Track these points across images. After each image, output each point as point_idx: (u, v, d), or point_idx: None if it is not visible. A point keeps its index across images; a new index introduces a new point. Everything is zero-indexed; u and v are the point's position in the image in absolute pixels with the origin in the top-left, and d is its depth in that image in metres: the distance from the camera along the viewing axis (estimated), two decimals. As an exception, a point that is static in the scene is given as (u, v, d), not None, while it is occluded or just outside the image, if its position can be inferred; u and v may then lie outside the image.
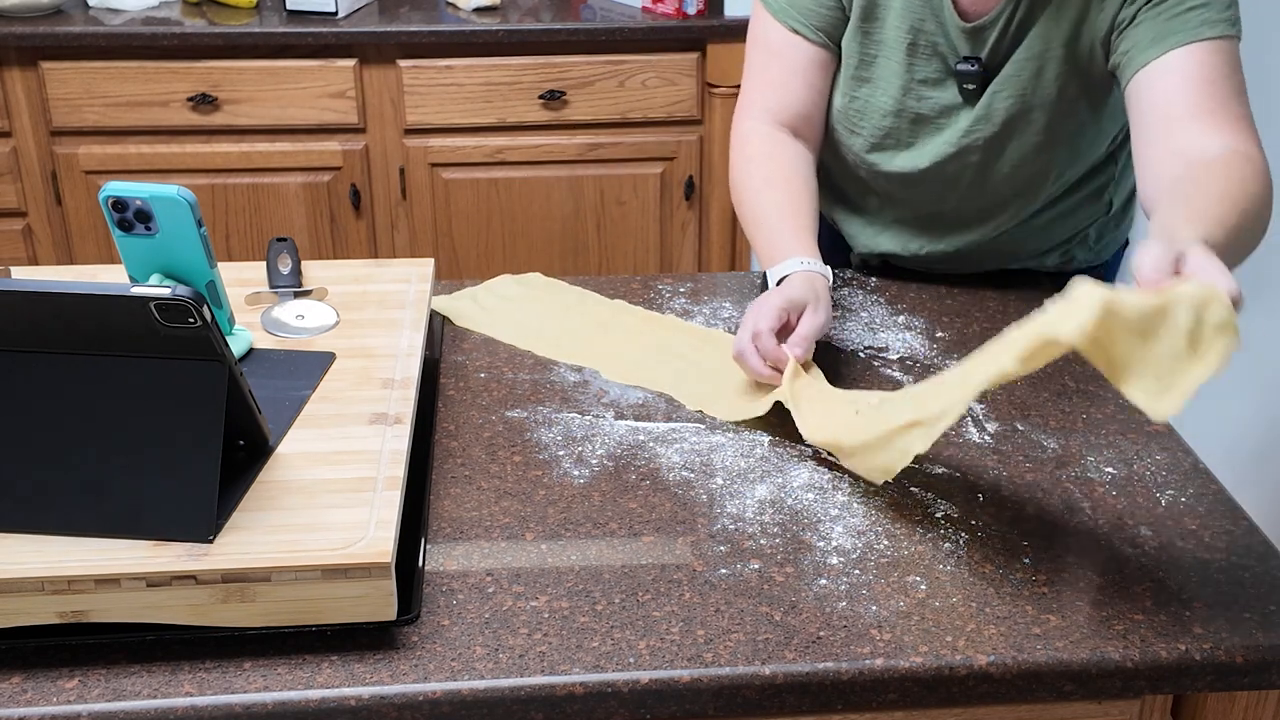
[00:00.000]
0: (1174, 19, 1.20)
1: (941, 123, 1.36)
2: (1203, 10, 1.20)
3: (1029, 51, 1.29)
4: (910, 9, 1.31)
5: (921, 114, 1.36)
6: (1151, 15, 1.21)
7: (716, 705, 0.89)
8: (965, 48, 1.30)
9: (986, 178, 1.38)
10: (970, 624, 0.93)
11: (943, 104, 1.35)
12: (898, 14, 1.32)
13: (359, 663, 0.88)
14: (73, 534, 0.88)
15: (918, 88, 1.35)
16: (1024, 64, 1.29)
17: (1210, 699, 0.96)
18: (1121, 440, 1.18)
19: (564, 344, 1.33)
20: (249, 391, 0.94)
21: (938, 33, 1.31)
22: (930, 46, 1.32)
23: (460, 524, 1.04)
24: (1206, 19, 1.19)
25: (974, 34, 1.29)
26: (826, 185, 1.55)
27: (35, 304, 0.88)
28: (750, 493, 1.08)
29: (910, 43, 1.32)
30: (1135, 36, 1.22)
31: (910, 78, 1.34)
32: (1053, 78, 1.29)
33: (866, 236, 1.50)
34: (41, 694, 0.85)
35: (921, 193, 1.42)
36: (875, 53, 1.35)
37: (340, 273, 1.33)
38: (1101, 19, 1.25)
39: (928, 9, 1.30)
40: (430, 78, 2.64)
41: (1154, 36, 1.21)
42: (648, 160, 2.76)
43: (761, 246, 1.33)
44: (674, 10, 2.65)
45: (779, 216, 1.33)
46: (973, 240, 1.45)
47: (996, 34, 1.28)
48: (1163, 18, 1.21)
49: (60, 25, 2.56)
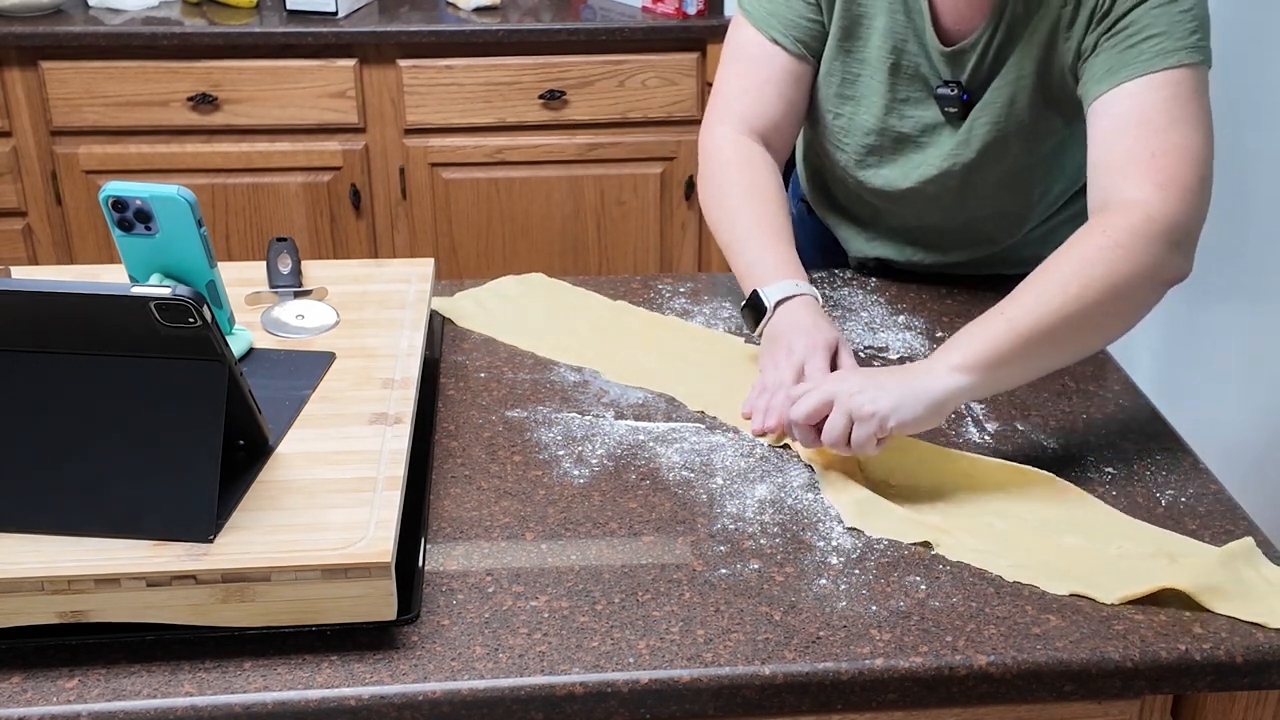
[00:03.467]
0: (1128, 50, 1.17)
1: (924, 141, 1.35)
2: (1159, 40, 1.15)
3: (1004, 79, 1.28)
4: (893, 30, 1.30)
5: (904, 133, 1.35)
6: (1109, 45, 1.18)
7: (716, 705, 0.89)
8: (946, 71, 1.30)
9: (967, 199, 1.37)
10: (970, 624, 0.93)
11: (925, 123, 1.34)
12: (880, 34, 1.31)
13: (359, 663, 0.88)
14: (72, 534, 0.88)
15: (900, 107, 1.34)
16: (999, 91, 1.28)
17: (1210, 699, 0.96)
18: (1121, 440, 1.18)
19: (565, 345, 1.33)
20: (249, 391, 0.94)
21: (919, 54, 1.30)
22: (912, 68, 1.31)
23: (460, 524, 1.04)
24: (1161, 49, 1.15)
25: (954, 57, 1.28)
26: (822, 193, 1.55)
27: (35, 304, 0.87)
28: (750, 493, 1.08)
29: (893, 63, 1.31)
30: (1092, 67, 1.20)
31: (893, 97, 1.33)
32: (1025, 105, 1.28)
33: (860, 242, 1.50)
34: (41, 694, 0.85)
35: (907, 208, 1.42)
36: (858, 71, 1.34)
37: (340, 273, 1.33)
38: (1068, 47, 1.23)
39: (910, 30, 1.29)
40: (430, 78, 2.64)
41: (1108, 68, 1.18)
42: (648, 160, 2.76)
43: (750, 261, 1.28)
44: (674, 10, 2.65)
45: (772, 232, 1.29)
46: (965, 253, 1.46)
47: (976, 58, 1.27)
48: (1118, 48, 1.17)
49: (60, 25, 2.56)
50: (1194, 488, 1.10)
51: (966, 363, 1.06)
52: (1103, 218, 1.12)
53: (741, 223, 1.31)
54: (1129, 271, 1.09)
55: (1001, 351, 1.07)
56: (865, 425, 1.03)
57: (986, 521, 1.04)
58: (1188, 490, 1.10)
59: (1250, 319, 2.19)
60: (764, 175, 1.33)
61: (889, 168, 1.38)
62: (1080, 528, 1.03)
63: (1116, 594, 0.95)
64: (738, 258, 1.30)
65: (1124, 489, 1.10)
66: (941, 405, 1.06)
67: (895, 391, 1.05)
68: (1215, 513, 1.07)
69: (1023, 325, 1.07)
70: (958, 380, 1.06)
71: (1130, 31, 1.17)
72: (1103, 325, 1.11)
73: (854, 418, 1.04)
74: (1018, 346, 1.07)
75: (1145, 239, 1.09)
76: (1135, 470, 1.13)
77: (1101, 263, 1.09)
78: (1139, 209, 1.11)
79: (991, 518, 1.04)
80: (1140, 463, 1.14)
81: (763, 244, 1.28)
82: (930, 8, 1.27)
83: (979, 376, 1.07)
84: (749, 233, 1.30)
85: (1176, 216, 1.11)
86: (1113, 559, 0.99)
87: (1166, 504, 1.08)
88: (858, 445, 1.04)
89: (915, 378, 1.07)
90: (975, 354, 1.07)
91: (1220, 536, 1.03)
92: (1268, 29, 2.01)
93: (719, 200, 1.34)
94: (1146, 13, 1.16)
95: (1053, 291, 1.08)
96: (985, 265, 1.47)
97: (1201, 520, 1.06)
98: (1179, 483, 1.11)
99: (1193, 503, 1.08)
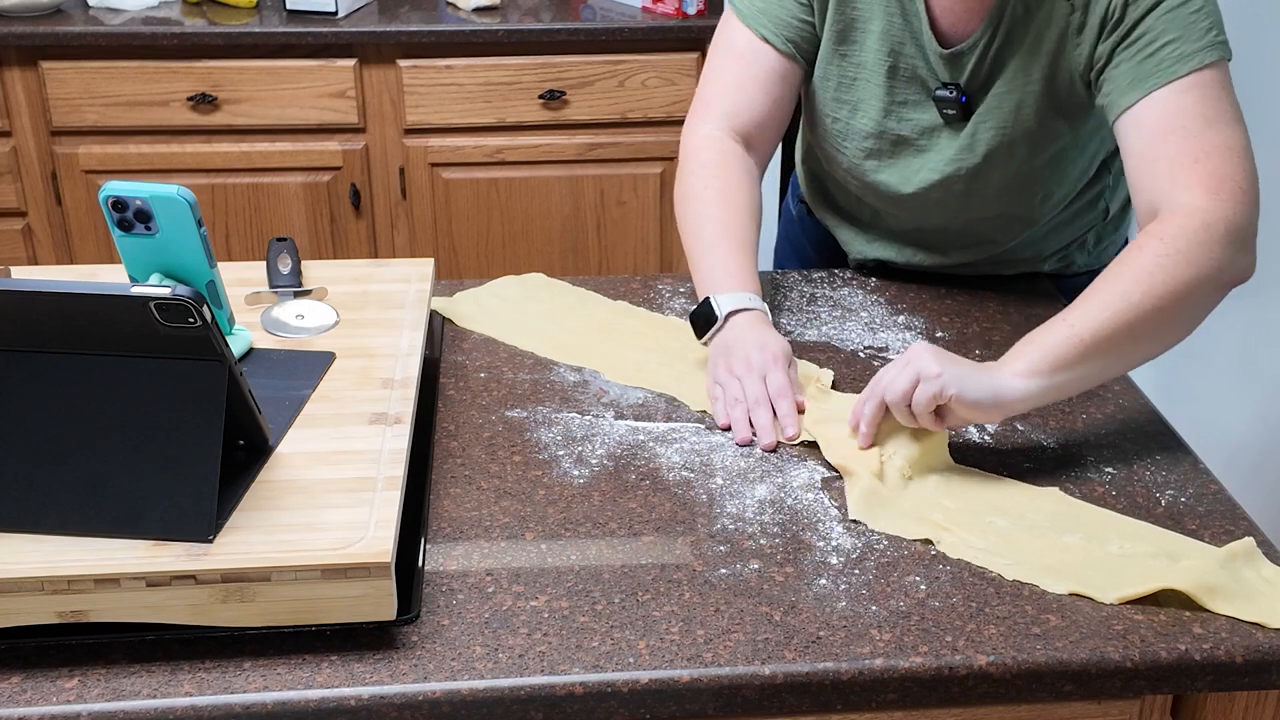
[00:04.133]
0: (1148, 59, 1.17)
1: (922, 144, 1.35)
2: (1176, 45, 1.16)
3: (1008, 84, 1.28)
4: (890, 32, 1.30)
5: (902, 135, 1.35)
6: (1127, 55, 1.18)
7: (716, 705, 0.89)
8: (944, 73, 1.29)
9: (971, 203, 1.37)
10: (970, 624, 0.93)
11: (923, 125, 1.34)
12: (877, 37, 1.30)
13: (359, 663, 0.88)
14: (72, 533, 0.88)
15: (898, 110, 1.34)
16: (1004, 97, 1.28)
17: (1210, 699, 0.96)
18: (1121, 440, 1.18)
19: (565, 345, 1.33)
20: (249, 391, 0.94)
21: (917, 57, 1.30)
22: (910, 70, 1.31)
23: (460, 524, 1.04)
24: (1181, 53, 1.16)
25: (952, 60, 1.28)
26: (821, 195, 1.55)
27: (35, 304, 0.87)
28: (750, 493, 1.08)
29: (890, 66, 1.31)
30: (1114, 79, 1.20)
31: (890, 100, 1.33)
32: (1032, 111, 1.28)
33: (861, 244, 1.50)
34: (41, 694, 0.85)
35: (909, 211, 1.42)
36: (855, 75, 1.34)
37: (340, 273, 1.33)
38: (1078, 54, 1.23)
39: (907, 33, 1.29)
40: (430, 78, 2.64)
41: (1131, 80, 1.18)
42: (648, 160, 2.76)
43: (711, 266, 1.29)
44: (674, 10, 2.65)
45: (736, 242, 1.30)
46: (966, 254, 1.46)
47: (975, 60, 1.27)
48: (1137, 58, 1.18)
49: (60, 25, 2.56)
50: (1194, 488, 1.10)
51: (1030, 369, 1.08)
52: (1160, 226, 1.13)
53: (707, 229, 1.32)
54: (1190, 277, 1.10)
55: (1065, 359, 1.09)
56: (928, 385, 1.06)
57: (988, 520, 1.04)
58: (1188, 490, 1.10)
59: (1250, 319, 2.19)
60: (738, 180, 1.34)
61: (889, 171, 1.38)
62: (1081, 527, 1.03)
63: (1115, 594, 0.95)
64: (698, 262, 1.31)
65: (1124, 489, 1.10)
66: (1002, 402, 1.08)
67: (965, 369, 1.08)
68: (1215, 513, 1.07)
69: (1086, 333, 1.09)
70: (1022, 384, 1.08)
71: (1147, 40, 1.17)
72: (1164, 331, 1.13)
73: (920, 377, 1.07)
74: (1081, 353, 1.09)
75: (1206, 245, 1.11)
76: (1135, 470, 1.13)
77: (1161, 270, 1.10)
78: (1197, 215, 1.12)
79: (994, 516, 1.04)
80: (1140, 463, 1.14)
81: (725, 252, 1.29)
82: (927, 10, 1.27)
83: (1042, 382, 1.09)
84: (713, 241, 1.31)
85: (1234, 218, 1.12)
86: (1113, 558, 1.00)
87: (1166, 504, 1.08)
88: (918, 405, 1.07)
89: (984, 369, 1.10)
90: (1039, 361, 1.09)
91: (1220, 536, 1.03)
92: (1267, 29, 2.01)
93: (689, 203, 1.35)
94: (1159, 19, 1.17)
95: (1115, 299, 1.10)
96: (985, 266, 1.47)
97: (1201, 520, 1.06)
98: (1179, 483, 1.11)
99: (1193, 503, 1.08)
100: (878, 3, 1.29)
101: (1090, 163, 1.39)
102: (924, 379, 1.07)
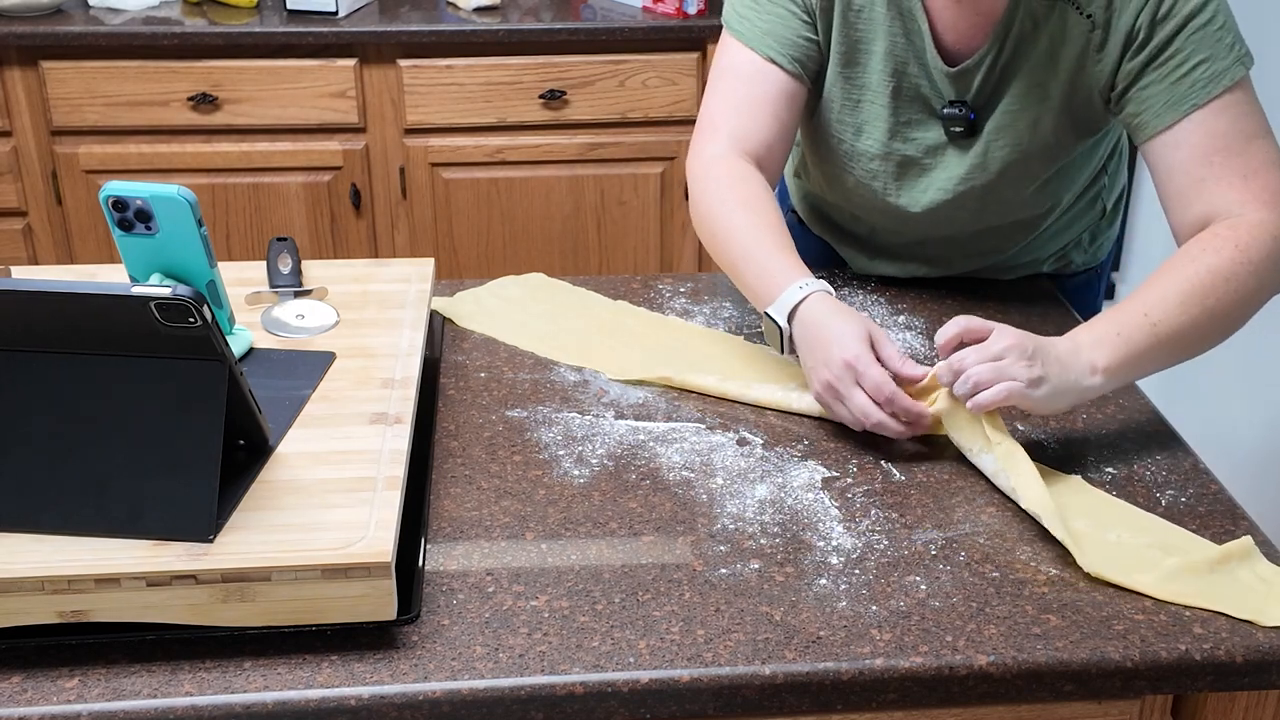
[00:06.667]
0: (1180, 80, 1.17)
1: (928, 163, 1.33)
2: (1208, 64, 1.16)
3: (1019, 101, 1.26)
4: (893, 52, 1.28)
5: (908, 155, 1.33)
6: (1158, 76, 1.18)
7: (716, 705, 0.89)
8: (950, 91, 1.28)
9: (980, 219, 1.37)
10: (970, 624, 0.93)
11: (928, 144, 1.32)
12: (880, 58, 1.29)
13: (359, 662, 0.88)
14: (73, 533, 0.88)
15: (904, 130, 1.32)
16: (1018, 114, 1.27)
17: (1210, 699, 0.96)
18: (1121, 440, 1.18)
19: (565, 345, 1.33)
20: (249, 391, 0.94)
21: (921, 76, 1.29)
22: (914, 89, 1.30)
23: (460, 524, 1.04)
24: (1213, 73, 1.16)
25: (958, 78, 1.27)
26: (817, 211, 1.54)
27: (35, 304, 0.88)
28: (750, 493, 1.08)
29: (895, 87, 1.30)
30: (1146, 100, 1.19)
31: (896, 121, 1.32)
32: (1050, 129, 1.28)
33: (862, 261, 1.49)
34: (41, 694, 0.85)
35: (916, 229, 1.41)
36: (859, 97, 1.32)
37: (340, 272, 1.33)
38: (1099, 70, 1.22)
39: (910, 52, 1.28)
40: (430, 77, 2.64)
41: (1166, 102, 1.18)
42: (648, 160, 2.76)
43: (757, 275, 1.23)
44: (674, 10, 2.65)
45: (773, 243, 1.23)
46: (970, 265, 1.46)
47: (981, 77, 1.26)
48: (1170, 80, 1.18)
49: (60, 25, 2.56)
50: (1194, 488, 1.10)
51: (1111, 365, 1.10)
52: (1233, 233, 1.15)
53: (739, 240, 1.25)
54: (1254, 288, 1.14)
55: (1142, 357, 1.11)
56: (1010, 394, 1.05)
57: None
58: (1188, 490, 1.10)
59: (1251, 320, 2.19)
60: (758, 189, 1.28)
61: (897, 191, 1.36)
62: (1089, 513, 1.05)
63: (1096, 568, 0.97)
64: (740, 276, 1.26)
65: (1124, 489, 1.10)
66: (1076, 404, 1.11)
67: (1051, 385, 1.07)
68: (1215, 513, 1.07)
69: (1164, 332, 1.11)
70: (1099, 382, 1.10)
71: (1177, 60, 1.18)
72: (1216, 335, 1.15)
73: (1006, 385, 1.05)
74: (1154, 351, 1.11)
75: (1274, 260, 1.14)
76: (1135, 470, 1.13)
77: (1235, 278, 1.12)
78: (1264, 229, 1.15)
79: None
80: (1140, 463, 1.14)
81: (764, 256, 1.23)
82: (931, 28, 1.26)
83: (1115, 379, 1.10)
84: (749, 250, 1.24)
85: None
86: (1109, 545, 1.01)
87: (1166, 504, 1.08)
88: (976, 404, 1.06)
89: (1068, 370, 1.09)
90: (1122, 359, 1.10)
91: (1220, 536, 1.03)
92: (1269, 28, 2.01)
93: (714, 219, 1.28)
94: (1188, 39, 1.17)
95: (1194, 301, 1.12)
96: (987, 273, 1.47)
97: (1201, 520, 1.06)
98: (1179, 483, 1.11)
99: (1193, 503, 1.08)
100: (880, 23, 1.28)
101: (1095, 167, 1.39)
102: (1012, 393, 1.05)
